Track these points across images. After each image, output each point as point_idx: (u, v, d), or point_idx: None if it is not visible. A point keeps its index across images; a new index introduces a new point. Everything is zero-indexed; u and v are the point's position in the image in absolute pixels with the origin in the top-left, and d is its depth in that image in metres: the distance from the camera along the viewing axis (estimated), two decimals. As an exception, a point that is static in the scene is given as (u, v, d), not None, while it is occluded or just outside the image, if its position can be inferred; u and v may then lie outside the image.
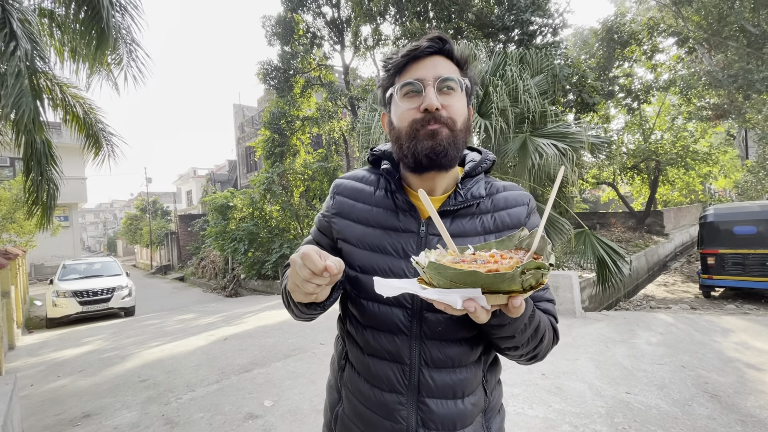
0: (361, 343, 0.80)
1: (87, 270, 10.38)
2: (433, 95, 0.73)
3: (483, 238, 0.78)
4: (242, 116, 24.69)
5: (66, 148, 13.22)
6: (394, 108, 0.79)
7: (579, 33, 17.41)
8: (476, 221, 0.79)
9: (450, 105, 0.75)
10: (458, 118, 0.76)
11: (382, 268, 0.77)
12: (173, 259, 24.67)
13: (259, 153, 14.83)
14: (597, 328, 4.76)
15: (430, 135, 0.74)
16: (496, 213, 0.81)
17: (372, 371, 0.78)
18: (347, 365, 0.84)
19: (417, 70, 0.75)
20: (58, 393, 3.70)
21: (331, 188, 0.91)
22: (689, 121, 16.03)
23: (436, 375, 0.75)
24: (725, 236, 7.64)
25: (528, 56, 6.65)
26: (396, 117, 0.79)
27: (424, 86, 0.74)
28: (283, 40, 13.50)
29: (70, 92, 6.49)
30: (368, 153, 0.90)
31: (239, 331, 5.88)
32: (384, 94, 0.82)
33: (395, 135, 0.80)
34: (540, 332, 0.72)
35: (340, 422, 0.84)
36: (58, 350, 5.69)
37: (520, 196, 0.85)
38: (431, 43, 0.76)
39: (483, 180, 0.84)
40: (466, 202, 0.79)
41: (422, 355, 0.75)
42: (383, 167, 0.84)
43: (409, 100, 0.76)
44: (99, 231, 65.84)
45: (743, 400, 2.81)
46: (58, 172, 5.86)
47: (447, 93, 0.75)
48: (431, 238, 0.77)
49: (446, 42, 0.77)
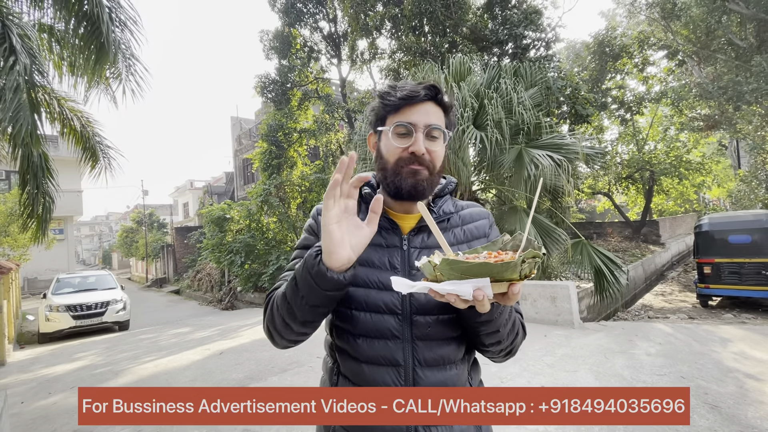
0: (354, 353, 0.85)
1: (81, 284, 10.26)
2: (421, 142, 0.84)
3: (456, 248, 0.88)
4: (240, 128, 24.82)
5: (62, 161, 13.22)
6: (385, 141, 0.88)
7: (571, 47, 17.76)
8: (449, 234, 0.92)
9: (433, 151, 0.86)
10: (437, 162, 0.88)
11: (373, 281, 0.84)
12: (169, 272, 24.47)
13: (256, 165, 14.87)
14: (596, 338, 4.74)
15: (413, 174, 0.84)
16: (465, 226, 0.94)
17: (369, 377, 0.82)
18: (339, 379, 0.88)
19: (410, 114, 0.85)
20: (50, 410, 3.63)
21: (313, 212, 0.97)
22: (681, 131, 16.27)
23: (429, 373, 0.82)
24: (720, 245, 7.68)
25: (522, 69, 6.76)
26: (385, 149, 0.88)
27: (415, 130, 0.84)
28: (280, 54, 13.67)
29: (68, 106, 6.52)
30: None
31: (235, 344, 5.81)
32: (375, 119, 0.91)
33: (382, 164, 0.89)
34: (516, 327, 0.85)
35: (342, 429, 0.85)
36: (50, 366, 5.59)
37: (481, 212, 1.00)
38: (427, 92, 0.85)
39: (450, 199, 0.98)
40: (439, 218, 0.91)
41: (415, 355, 0.82)
42: (365, 192, 0.92)
43: (400, 139, 0.85)
44: (94, 244, 65.32)
45: (743, 411, 2.79)
46: (54, 186, 5.84)
47: (432, 140, 0.86)
48: (413, 250, 0.88)
49: (439, 92, 0.87)
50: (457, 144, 5.99)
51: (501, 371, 3.71)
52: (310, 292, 0.73)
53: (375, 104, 0.91)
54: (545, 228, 5.87)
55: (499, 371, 3.71)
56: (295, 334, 0.81)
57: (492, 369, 3.77)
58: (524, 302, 5.72)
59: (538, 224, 5.89)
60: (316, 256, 0.71)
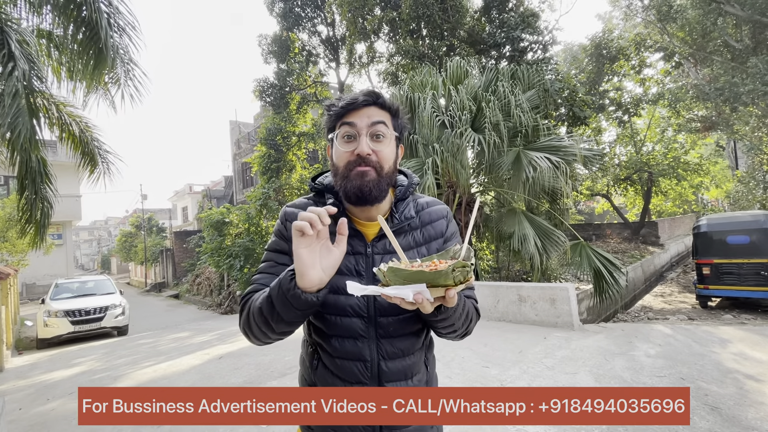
0: (328, 349, 0.93)
1: (80, 289, 10.22)
2: (365, 143, 0.88)
3: (415, 250, 0.96)
4: (238, 132, 24.85)
5: (61, 166, 13.20)
6: (335, 148, 0.93)
7: (569, 49, 17.83)
8: (409, 237, 0.97)
9: (379, 151, 0.90)
10: (385, 163, 0.91)
11: (340, 286, 0.87)
12: (168, 277, 24.40)
13: (255, 169, 14.88)
14: (595, 340, 4.73)
15: (359, 175, 0.88)
16: (423, 228, 0.99)
17: (340, 368, 0.92)
18: (320, 364, 0.96)
19: (354, 118, 0.89)
20: (47, 417, 3.61)
21: (281, 215, 1.01)
22: (679, 132, 16.33)
23: (391, 364, 0.91)
24: (719, 246, 7.69)
25: (519, 72, 6.79)
26: (335, 155, 0.93)
27: (358, 134, 0.88)
28: (279, 58, 13.72)
29: (67, 111, 6.51)
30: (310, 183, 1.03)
31: (234, 349, 5.79)
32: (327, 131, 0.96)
33: (334, 169, 0.93)
34: (469, 316, 0.93)
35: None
36: (48, 372, 5.56)
37: (440, 210, 1.03)
38: (366, 97, 0.90)
39: (411, 201, 1.01)
40: (400, 223, 0.96)
41: (379, 351, 0.91)
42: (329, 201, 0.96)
43: (346, 144, 0.90)
44: (93, 249, 65.13)
45: (744, 412, 2.79)
46: (53, 191, 5.83)
47: (378, 141, 0.90)
48: (376, 257, 0.93)
49: (379, 96, 0.92)
50: (456, 147, 6.01)
51: (501, 374, 3.70)
52: (286, 311, 0.78)
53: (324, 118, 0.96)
54: (544, 230, 5.88)
55: (500, 374, 3.70)
56: (272, 339, 0.88)
57: (492, 372, 3.76)
58: (524, 304, 5.72)
59: (537, 226, 5.90)
60: (291, 280, 0.76)
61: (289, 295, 0.76)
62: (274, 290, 0.79)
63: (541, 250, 5.71)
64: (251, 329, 0.86)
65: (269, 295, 0.80)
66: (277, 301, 0.78)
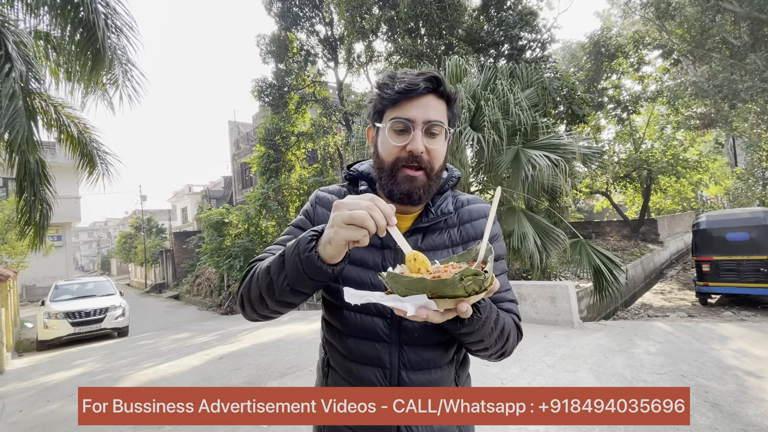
0: (343, 350, 0.85)
1: (80, 290, 10.22)
2: (419, 140, 0.79)
3: (451, 250, 0.86)
4: (237, 132, 24.83)
5: (60, 168, 13.18)
6: (382, 138, 0.83)
7: (567, 47, 17.82)
8: (444, 235, 0.88)
9: (433, 150, 0.81)
10: (437, 163, 0.83)
11: (365, 281, 0.82)
12: (168, 277, 24.39)
13: (254, 169, 14.87)
14: (596, 338, 4.73)
15: (409, 180, 0.80)
16: (462, 226, 0.90)
17: (355, 375, 0.84)
18: (330, 371, 0.90)
19: (409, 109, 0.79)
20: (48, 419, 3.61)
21: (312, 198, 0.95)
22: (678, 130, 16.33)
23: (413, 376, 0.82)
24: (718, 243, 7.70)
25: (518, 70, 6.78)
26: (381, 147, 0.84)
27: (413, 128, 0.79)
28: (277, 57, 13.70)
29: (65, 112, 6.50)
30: (345, 171, 0.96)
31: (235, 349, 5.79)
32: (373, 112, 0.86)
33: (378, 163, 0.85)
34: (505, 333, 0.80)
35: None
36: (48, 374, 5.56)
37: (482, 209, 0.94)
38: (427, 84, 0.79)
39: (450, 196, 0.93)
40: (436, 219, 0.87)
41: (401, 359, 0.81)
42: (361, 189, 0.90)
43: (397, 137, 0.80)
44: (93, 250, 65.09)
45: (744, 409, 2.79)
46: (52, 192, 5.82)
47: (432, 137, 0.81)
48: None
49: (441, 83, 0.81)
50: (455, 145, 6.00)
51: (501, 372, 3.70)
52: (295, 276, 0.70)
53: (373, 96, 0.85)
54: (543, 228, 5.88)
55: (500, 372, 3.70)
56: (268, 311, 0.79)
57: (493, 370, 3.76)
58: (524, 302, 5.72)
59: (536, 224, 5.90)
60: (311, 241, 0.68)
61: (303, 256, 0.67)
62: (289, 249, 0.71)
63: (541, 249, 5.70)
64: (250, 293, 0.78)
65: (282, 254, 0.72)
66: (289, 260, 0.70)
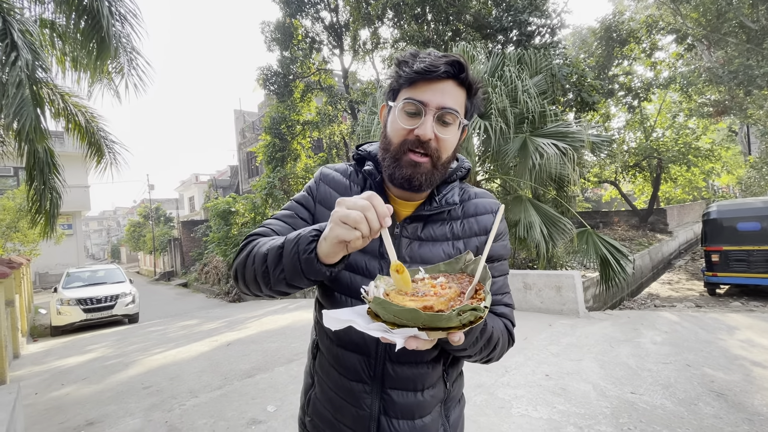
0: (332, 335, 0.85)
1: (91, 278, 10.41)
2: (429, 126, 0.75)
3: (451, 243, 0.84)
4: (243, 121, 24.80)
5: (69, 157, 13.32)
6: (392, 117, 0.80)
7: (577, 32, 17.40)
8: (446, 227, 0.85)
9: (442, 138, 0.77)
10: (445, 152, 0.79)
11: (360, 265, 0.81)
12: (176, 266, 24.73)
13: (260, 158, 14.88)
14: (601, 327, 4.73)
15: (412, 165, 0.76)
16: (465, 219, 0.86)
17: (341, 361, 0.83)
18: (318, 353, 0.90)
19: (424, 91, 0.75)
20: (62, 401, 3.71)
21: (316, 175, 0.93)
22: (690, 117, 15.97)
23: (398, 368, 0.80)
24: (729, 233, 7.58)
25: (526, 57, 6.65)
26: (390, 127, 0.80)
27: (424, 112, 0.75)
28: (282, 45, 13.58)
29: (72, 101, 6.54)
30: (353, 151, 0.94)
31: (242, 336, 5.88)
32: (389, 90, 0.82)
33: (385, 143, 0.82)
34: (493, 341, 0.77)
35: (312, 405, 0.90)
36: (62, 358, 5.70)
37: (489, 204, 0.89)
38: (448, 68, 0.75)
39: (458, 186, 0.88)
40: (440, 208, 0.83)
41: (387, 349, 0.80)
42: (366, 168, 0.87)
43: (407, 119, 0.76)
44: (103, 238, 66.09)
45: (750, 399, 2.78)
46: (61, 181, 5.89)
47: (443, 126, 0.76)
48: (404, 240, 0.83)
49: (463, 70, 0.76)
50: (461, 134, 5.93)
51: (506, 360, 3.72)
52: (292, 272, 0.69)
53: (392, 73, 0.81)
54: (550, 217, 5.83)
55: (504, 360, 3.71)
56: (261, 293, 0.79)
57: (497, 358, 3.78)
58: (529, 292, 5.71)
59: (543, 213, 5.85)
60: (312, 242, 0.66)
61: (302, 257, 0.66)
62: (289, 244, 0.69)
63: (547, 238, 5.67)
64: (245, 272, 0.77)
65: (282, 246, 0.71)
66: (287, 257, 0.69)
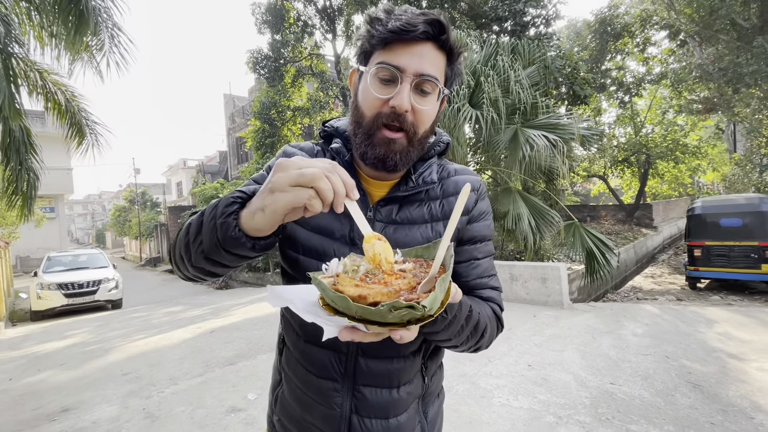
0: (297, 328, 0.78)
1: (72, 262, 10.19)
2: (406, 95, 0.66)
3: (430, 225, 0.76)
4: (233, 106, 24.32)
5: (49, 137, 12.91)
6: (363, 85, 0.71)
7: (572, 25, 17.35)
8: (424, 208, 0.78)
9: (420, 110, 0.68)
10: (422, 126, 0.71)
11: (327, 253, 0.73)
12: (163, 251, 24.40)
13: (249, 144, 14.62)
14: (584, 319, 4.78)
15: (385, 142, 0.69)
16: (445, 199, 0.79)
17: (309, 357, 0.76)
18: (285, 348, 0.83)
19: (401, 54, 0.66)
20: (38, 387, 3.63)
21: (279, 153, 0.84)
22: (679, 114, 16.15)
23: (372, 363, 0.74)
24: (712, 228, 7.72)
25: (520, 47, 6.59)
26: (362, 96, 0.71)
27: (401, 79, 0.66)
28: (273, 28, 13.24)
29: (51, 79, 6.30)
30: (320, 127, 0.85)
31: (226, 323, 5.82)
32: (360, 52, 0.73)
33: (356, 115, 0.73)
34: (480, 328, 0.71)
35: (280, 403, 0.84)
36: (40, 343, 5.58)
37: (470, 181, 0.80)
38: (427, 28, 0.66)
39: (435, 163, 0.80)
40: (416, 188, 0.76)
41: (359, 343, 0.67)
42: (333, 146, 0.78)
43: (381, 86, 0.68)
44: (87, 223, 64.87)
45: (725, 390, 2.84)
46: (39, 162, 5.70)
47: (422, 95, 0.69)
48: (378, 224, 0.75)
49: (444, 31, 0.67)
50: (452, 123, 5.88)
51: (489, 351, 3.73)
52: (210, 243, 0.59)
53: (362, 32, 0.71)
54: (539, 209, 5.85)
55: (487, 351, 3.73)
56: (188, 272, 0.68)
57: (480, 348, 3.80)
58: (515, 283, 5.75)
59: (532, 205, 5.86)
60: (231, 203, 0.56)
61: (219, 220, 0.56)
62: (209, 207, 0.60)
63: (535, 230, 5.69)
64: (175, 247, 0.68)
65: (203, 212, 0.62)
66: (206, 221, 0.59)
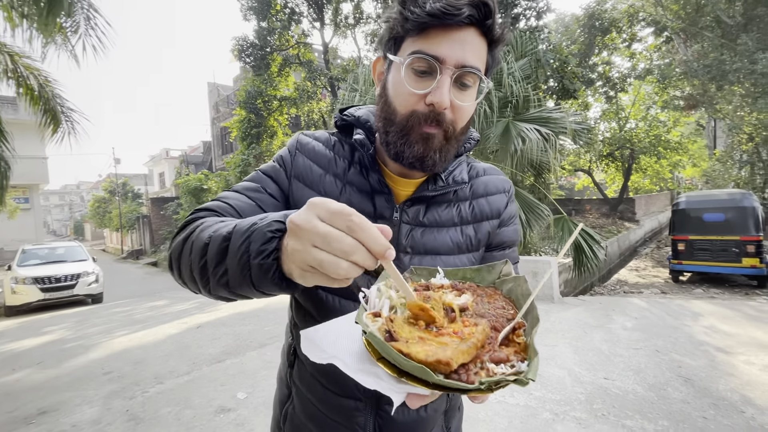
0: None
1: (49, 255, 9.79)
2: (446, 92, 0.58)
3: (459, 229, 0.72)
4: (217, 95, 23.72)
5: (22, 125, 12.35)
6: (395, 77, 0.62)
7: (561, 19, 17.39)
8: (453, 209, 0.73)
9: (459, 107, 0.61)
10: (461, 122, 0.64)
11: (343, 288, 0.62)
12: (145, 244, 23.80)
13: (234, 134, 14.27)
14: (574, 313, 4.82)
15: (424, 139, 0.62)
16: (475, 200, 0.75)
17: (328, 374, 0.68)
18: (296, 361, 0.75)
19: (440, 43, 0.58)
20: (13, 388, 3.45)
21: (291, 143, 0.75)
22: (663, 110, 16.44)
23: None
24: (696, 223, 7.89)
25: (513, 39, 6.53)
26: (394, 90, 0.63)
27: (440, 71, 0.58)
28: (259, 14, 12.85)
29: (23, 62, 5.98)
30: (336, 116, 0.76)
31: (213, 318, 5.67)
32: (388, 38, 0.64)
33: (386, 111, 0.64)
34: None
35: (290, 421, 0.76)
36: (15, 340, 5.34)
37: (500, 182, 0.79)
38: (473, 12, 0.57)
39: (465, 162, 0.76)
40: (446, 188, 0.70)
41: None
42: (357, 137, 0.70)
43: (417, 80, 0.60)
44: (65, 214, 62.82)
45: (715, 384, 2.88)
46: (9, 150, 5.43)
47: (462, 89, 0.61)
48: (404, 227, 0.69)
49: (490, 14, 0.58)
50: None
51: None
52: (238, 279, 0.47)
53: (392, 14, 0.62)
54: (529, 203, 5.84)
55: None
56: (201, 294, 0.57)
57: (474, 343, 3.77)
58: (506, 277, 5.75)
59: (522, 199, 5.85)
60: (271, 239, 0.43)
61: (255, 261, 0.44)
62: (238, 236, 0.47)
63: (525, 224, 5.69)
64: (181, 264, 0.55)
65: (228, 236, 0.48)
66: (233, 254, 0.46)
